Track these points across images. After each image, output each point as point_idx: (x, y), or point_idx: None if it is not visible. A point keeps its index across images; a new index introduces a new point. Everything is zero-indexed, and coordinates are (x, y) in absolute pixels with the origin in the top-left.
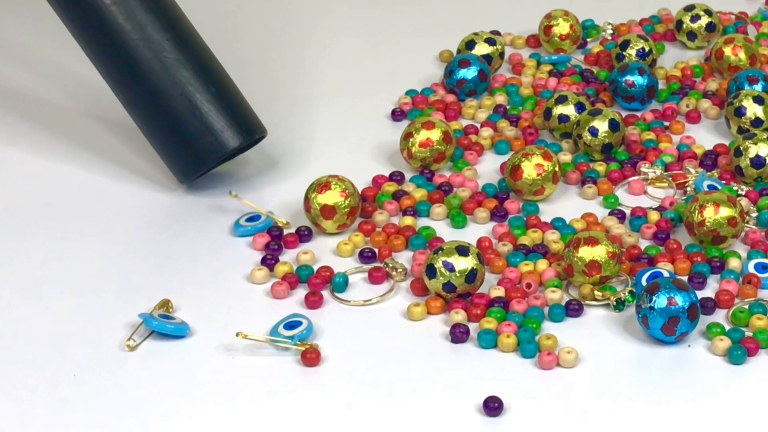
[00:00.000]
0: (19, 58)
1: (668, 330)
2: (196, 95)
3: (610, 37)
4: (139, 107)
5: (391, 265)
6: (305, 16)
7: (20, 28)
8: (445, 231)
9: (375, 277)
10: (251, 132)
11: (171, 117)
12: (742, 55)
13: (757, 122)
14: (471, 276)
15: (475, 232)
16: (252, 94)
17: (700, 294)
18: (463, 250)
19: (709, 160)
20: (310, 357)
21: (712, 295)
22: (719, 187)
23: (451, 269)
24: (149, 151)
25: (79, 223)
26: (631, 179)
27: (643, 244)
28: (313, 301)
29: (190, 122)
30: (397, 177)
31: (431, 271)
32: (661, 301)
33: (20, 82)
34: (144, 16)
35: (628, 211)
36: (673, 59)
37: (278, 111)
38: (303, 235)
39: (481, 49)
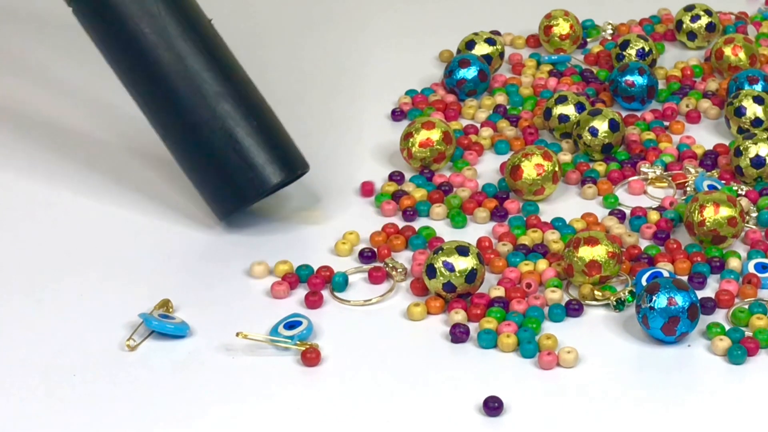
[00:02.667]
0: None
1: (668, 330)
2: (237, 129)
3: (610, 37)
4: (177, 141)
5: (391, 265)
6: (305, 16)
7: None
8: (445, 231)
9: (375, 277)
10: (293, 167)
11: (210, 151)
12: (742, 55)
13: (757, 122)
14: (471, 276)
15: (475, 232)
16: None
17: (700, 294)
18: (463, 250)
19: (709, 160)
20: (310, 357)
21: (712, 295)
22: (719, 187)
23: (451, 269)
24: (188, 186)
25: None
26: (631, 179)
27: (643, 244)
28: (313, 301)
29: (230, 157)
30: (397, 177)
31: (431, 271)
32: (661, 301)
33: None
34: (184, 46)
35: (628, 211)
36: (673, 59)
37: (277, 112)
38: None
39: (481, 49)
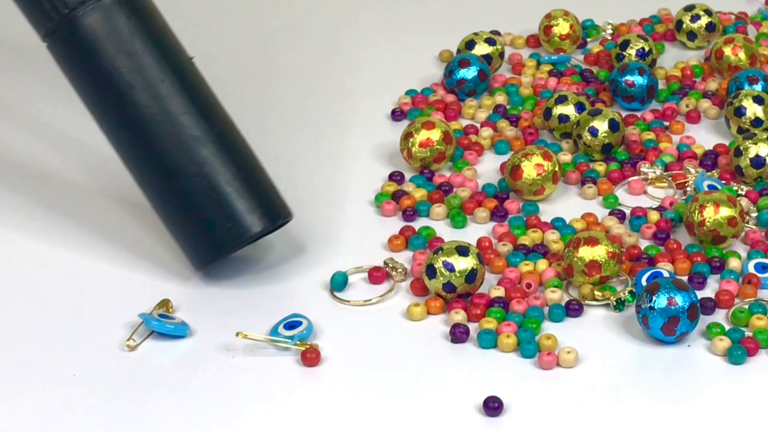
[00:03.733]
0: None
1: (668, 330)
2: (216, 175)
3: (610, 37)
4: (152, 186)
5: (391, 265)
6: (305, 16)
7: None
8: (445, 231)
9: (375, 277)
10: (275, 216)
11: (186, 198)
12: (742, 55)
13: (757, 122)
14: (471, 276)
15: (475, 232)
16: (244, 87)
17: (700, 294)
18: (463, 250)
19: (709, 160)
20: (310, 357)
21: (712, 295)
22: (719, 187)
23: (451, 269)
24: (164, 234)
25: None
26: (631, 179)
27: (643, 244)
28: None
29: (208, 205)
30: (397, 177)
31: (431, 271)
32: (661, 301)
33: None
34: (162, 87)
35: (628, 211)
36: (673, 59)
37: (277, 111)
38: None
39: (481, 49)
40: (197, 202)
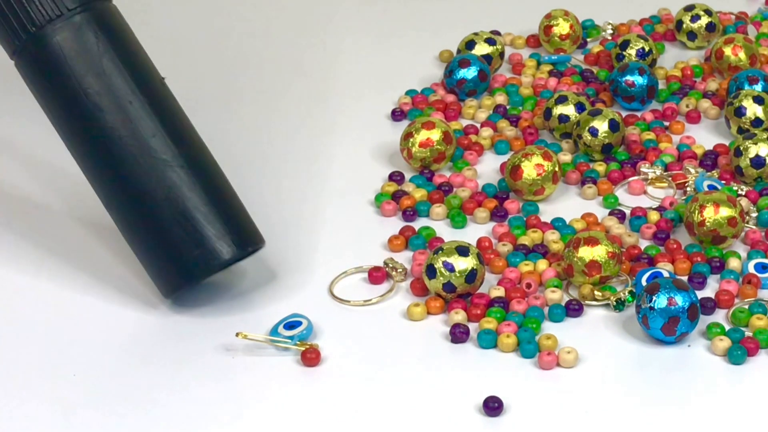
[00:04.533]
0: None
1: (668, 330)
2: (184, 200)
3: (610, 37)
4: (120, 210)
5: (391, 266)
6: (304, 15)
7: None
8: (445, 231)
9: (375, 277)
10: (246, 243)
11: (154, 223)
12: (742, 55)
13: (757, 122)
14: (471, 276)
15: (475, 232)
16: (245, 87)
17: (700, 294)
18: (463, 250)
19: (709, 160)
20: (310, 357)
21: (712, 295)
22: (719, 187)
23: (451, 269)
24: (133, 259)
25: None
26: (631, 179)
27: (643, 244)
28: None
29: (176, 230)
30: (397, 177)
31: (431, 271)
32: (661, 301)
33: None
34: (130, 109)
35: (628, 211)
36: (673, 59)
37: (277, 111)
38: None
39: (481, 49)
40: (165, 228)
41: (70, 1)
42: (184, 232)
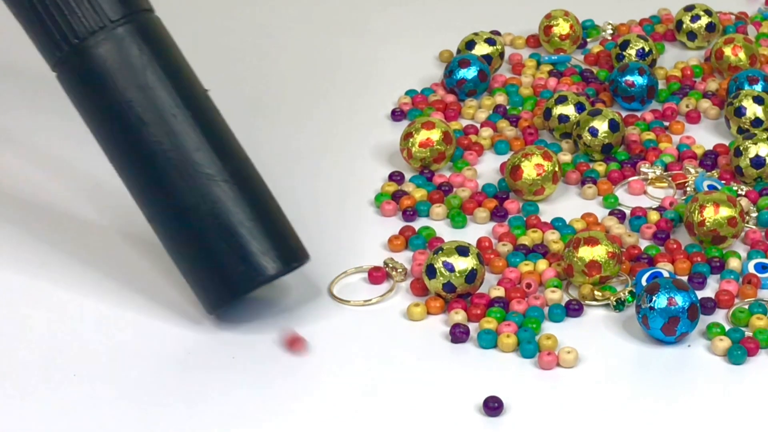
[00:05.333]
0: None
1: (668, 330)
2: (229, 215)
3: (610, 37)
4: (164, 225)
5: (391, 266)
6: (305, 16)
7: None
8: (445, 231)
9: (375, 277)
10: (290, 259)
11: (198, 239)
12: (742, 55)
13: (757, 122)
14: (471, 276)
15: (475, 232)
16: (244, 87)
17: (700, 294)
18: (463, 250)
19: (709, 160)
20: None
21: (712, 295)
22: (719, 187)
23: (451, 269)
24: (176, 275)
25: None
26: (631, 179)
27: (643, 244)
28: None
29: (220, 246)
30: (397, 177)
31: (431, 271)
32: (661, 301)
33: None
34: (175, 122)
35: (628, 211)
36: (673, 59)
37: (276, 111)
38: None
39: (481, 49)
40: (209, 243)
41: (113, 13)
42: (228, 247)
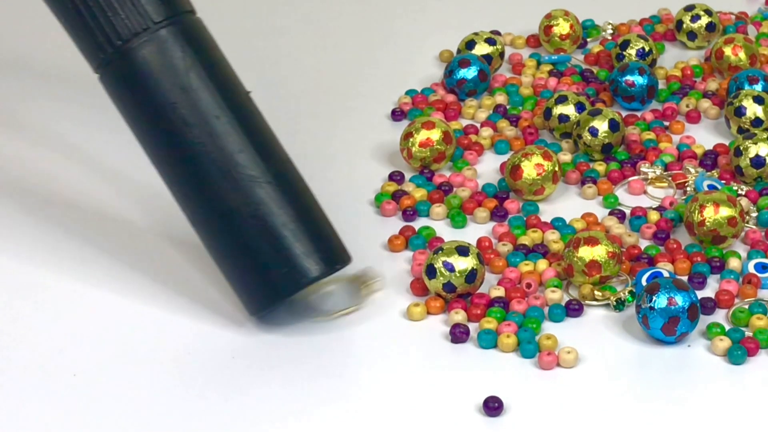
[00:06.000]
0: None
1: (668, 330)
2: (272, 217)
3: (610, 37)
4: (206, 227)
5: (362, 280)
6: (305, 15)
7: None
8: (445, 231)
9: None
10: (333, 261)
11: (241, 241)
12: (742, 55)
13: (757, 122)
14: (471, 276)
15: (475, 232)
16: (244, 87)
17: (700, 294)
18: (463, 250)
19: (709, 160)
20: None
21: (712, 295)
22: (719, 187)
23: (451, 269)
24: (218, 277)
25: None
26: (631, 179)
27: (643, 244)
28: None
29: (263, 248)
30: (397, 177)
31: (431, 271)
32: (661, 301)
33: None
34: (217, 124)
35: (628, 211)
36: (673, 59)
37: (276, 111)
38: None
39: (481, 49)
40: (252, 245)
41: (156, 14)
42: (272, 249)
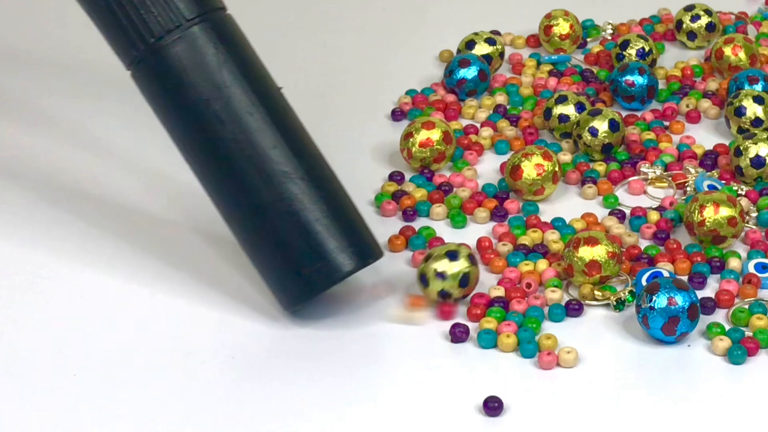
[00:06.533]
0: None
1: (668, 330)
2: (305, 212)
3: (610, 37)
4: (240, 223)
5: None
6: (305, 16)
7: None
8: (445, 231)
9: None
10: (366, 255)
11: (275, 236)
12: (742, 55)
13: (757, 122)
14: (464, 280)
15: (475, 232)
16: None
17: (700, 294)
18: (452, 255)
19: (709, 160)
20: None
21: (712, 295)
22: (719, 187)
23: (443, 277)
24: (252, 273)
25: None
26: (631, 179)
27: (643, 244)
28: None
29: (297, 243)
30: (397, 177)
31: (424, 280)
32: (661, 301)
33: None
34: (250, 120)
35: (628, 211)
36: (673, 59)
37: None
38: None
39: (481, 49)
40: (286, 240)
41: (188, 12)
42: (305, 244)
